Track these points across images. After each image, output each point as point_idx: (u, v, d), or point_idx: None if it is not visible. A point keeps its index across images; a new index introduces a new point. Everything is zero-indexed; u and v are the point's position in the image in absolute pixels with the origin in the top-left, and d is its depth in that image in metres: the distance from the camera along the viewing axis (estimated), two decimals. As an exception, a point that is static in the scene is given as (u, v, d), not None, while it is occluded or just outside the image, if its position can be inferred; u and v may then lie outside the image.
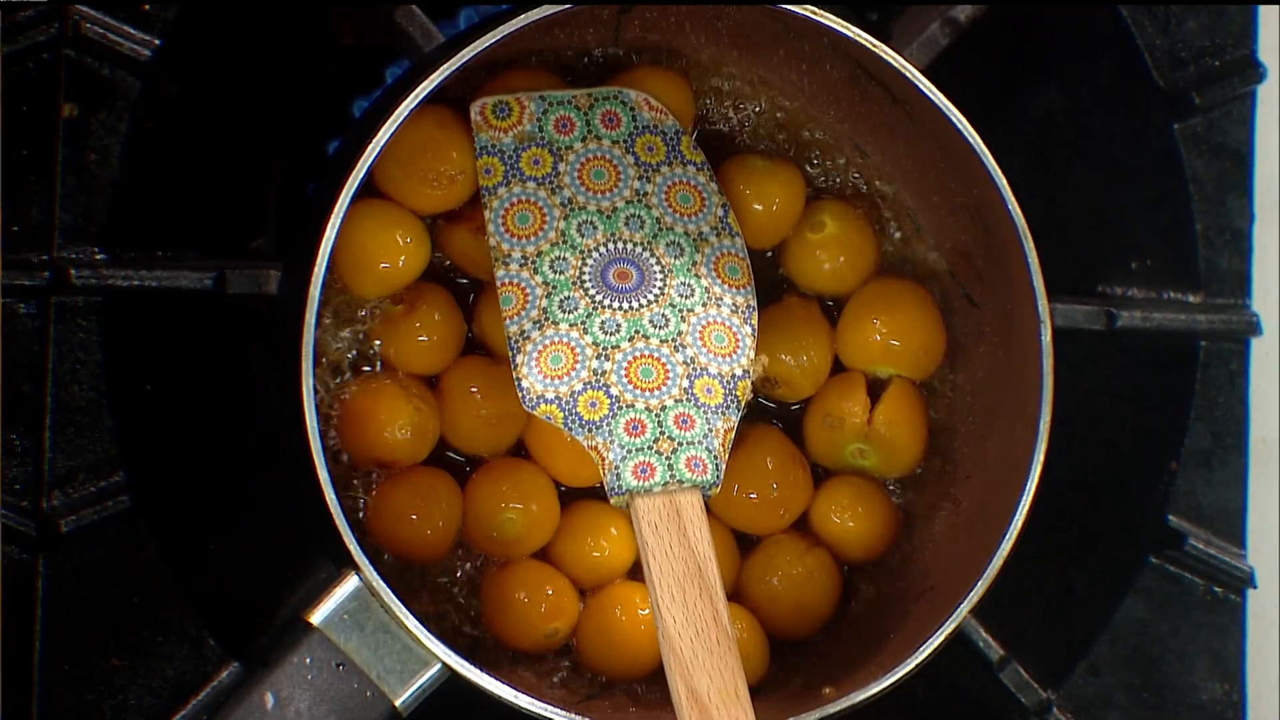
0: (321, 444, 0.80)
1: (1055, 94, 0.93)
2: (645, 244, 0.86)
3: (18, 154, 0.84)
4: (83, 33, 0.84)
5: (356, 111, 0.92)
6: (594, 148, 0.87)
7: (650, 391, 0.83)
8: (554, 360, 0.83)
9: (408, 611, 0.81)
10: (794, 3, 0.83)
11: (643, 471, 0.81)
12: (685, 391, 0.83)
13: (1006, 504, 0.83)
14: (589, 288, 0.85)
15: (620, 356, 0.83)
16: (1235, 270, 0.93)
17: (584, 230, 0.86)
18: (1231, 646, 0.92)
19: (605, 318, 0.84)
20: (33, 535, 0.84)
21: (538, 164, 0.86)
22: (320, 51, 0.91)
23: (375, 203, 0.86)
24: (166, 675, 0.85)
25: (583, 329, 0.84)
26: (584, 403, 0.82)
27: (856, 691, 0.82)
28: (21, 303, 0.84)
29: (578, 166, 0.86)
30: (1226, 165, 0.92)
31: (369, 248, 0.85)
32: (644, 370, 0.83)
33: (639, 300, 0.85)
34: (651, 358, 0.83)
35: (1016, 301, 0.86)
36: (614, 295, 0.85)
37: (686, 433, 0.82)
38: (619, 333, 0.84)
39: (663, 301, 0.85)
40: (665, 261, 0.86)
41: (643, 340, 0.84)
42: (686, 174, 0.87)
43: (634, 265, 0.85)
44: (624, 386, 0.83)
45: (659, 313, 0.85)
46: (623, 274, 0.85)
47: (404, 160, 0.86)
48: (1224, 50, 0.93)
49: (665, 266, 0.86)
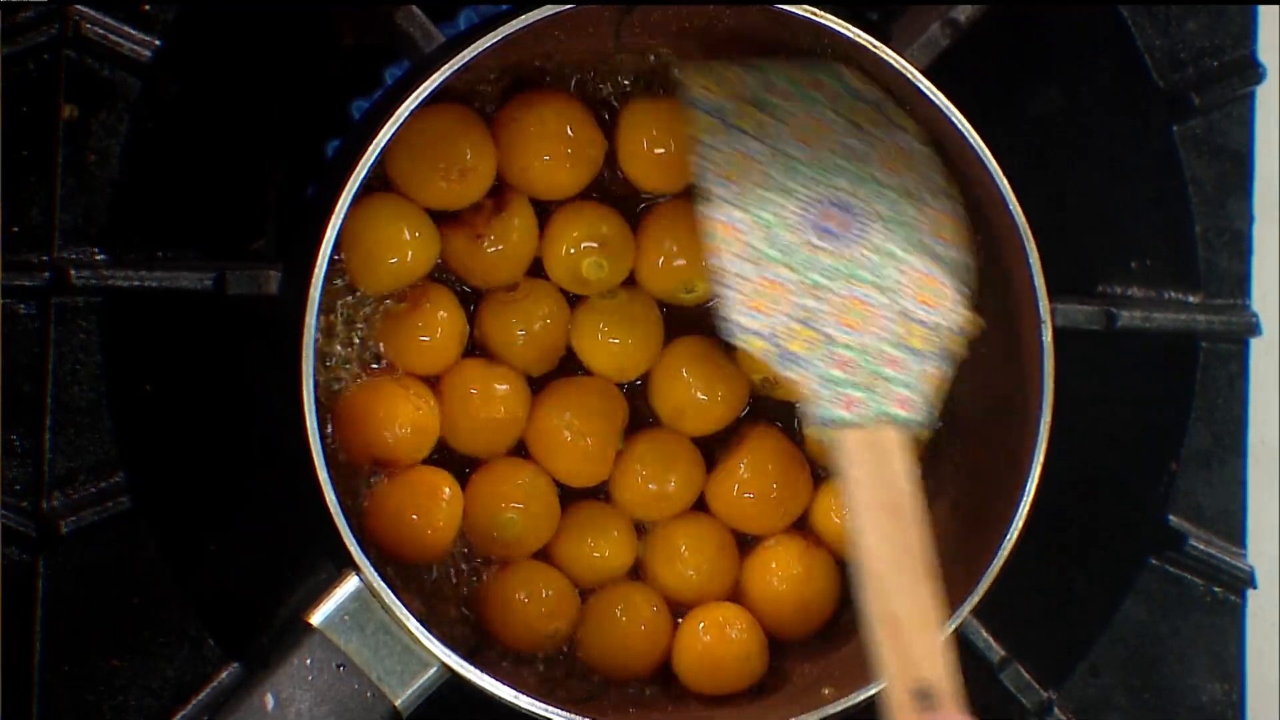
0: (321, 444, 0.80)
1: (1055, 94, 0.93)
2: (861, 196, 0.86)
3: (18, 154, 0.84)
4: (83, 33, 0.84)
5: (356, 112, 0.91)
6: (806, 107, 0.87)
7: (864, 333, 0.84)
8: (764, 296, 0.83)
9: (408, 612, 0.81)
10: (794, 3, 0.83)
11: (854, 406, 0.82)
12: (897, 336, 0.84)
13: (1007, 504, 0.83)
14: (803, 229, 0.85)
15: (833, 297, 0.84)
16: (1235, 271, 0.93)
17: (796, 177, 0.86)
18: (1231, 647, 0.92)
19: (821, 260, 0.84)
20: (33, 536, 0.84)
21: (751, 120, 0.86)
22: (320, 51, 0.91)
23: (385, 196, 0.86)
24: (166, 676, 0.85)
25: (798, 270, 0.84)
26: (792, 337, 0.83)
27: (857, 692, 0.82)
28: (22, 303, 0.84)
29: (790, 122, 0.86)
30: (1226, 166, 0.92)
31: (378, 241, 0.85)
32: (858, 313, 0.84)
33: (853, 245, 0.85)
34: (863, 302, 0.84)
35: (1017, 301, 0.86)
36: (829, 238, 0.85)
37: (898, 373, 0.83)
38: (832, 274, 0.84)
39: (878, 249, 0.85)
40: (881, 212, 0.86)
41: (856, 284, 0.84)
42: (898, 138, 0.87)
43: (849, 213, 0.85)
44: (836, 326, 0.83)
45: (872, 259, 0.85)
46: (838, 220, 0.85)
47: (417, 153, 0.86)
48: (1224, 51, 0.93)
49: (882, 217, 0.86)
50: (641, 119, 0.89)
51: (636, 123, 0.89)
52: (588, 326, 0.89)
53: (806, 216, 0.85)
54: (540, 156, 0.88)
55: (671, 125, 0.88)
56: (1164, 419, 0.93)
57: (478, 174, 0.87)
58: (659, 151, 0.89)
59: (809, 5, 0.83)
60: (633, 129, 0.89)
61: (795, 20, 0.84)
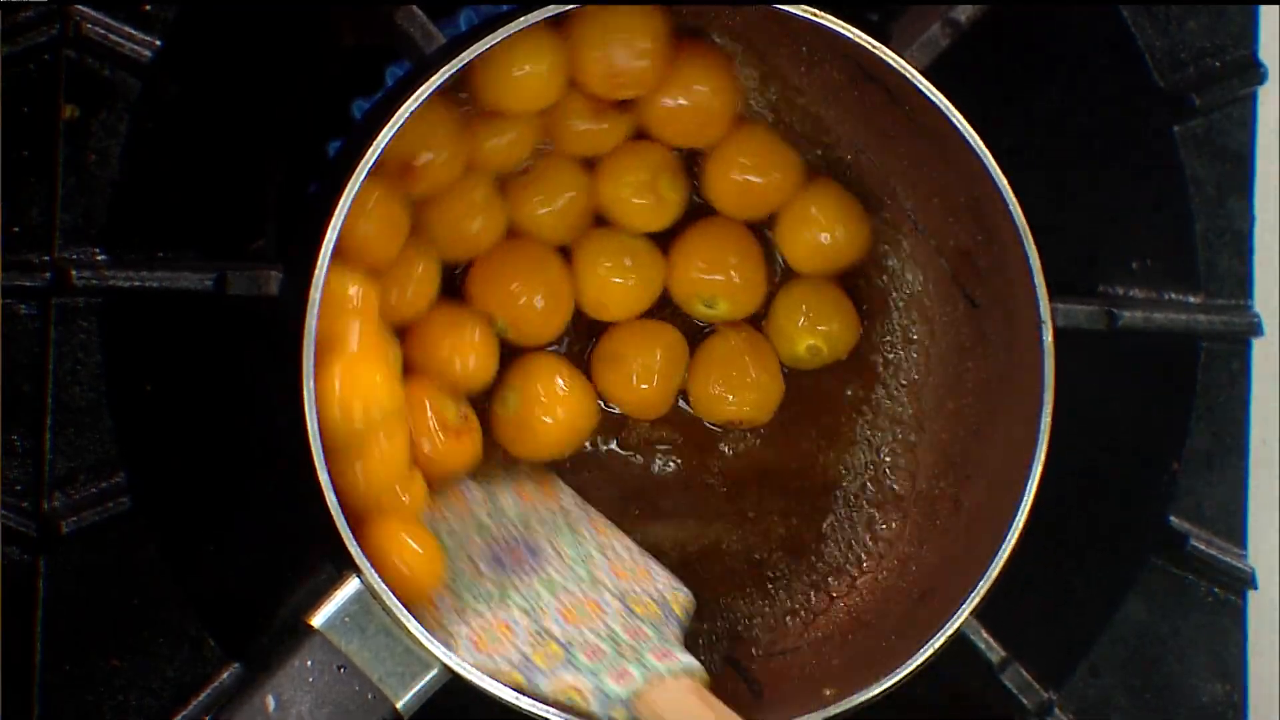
0: (321, 444, 0.80)
1: (1055, 94, 0.93)
2: (521, 526, 0.89)
3: (18, 155, 0.84)
4: (83, 33, 0.84)
5: (357, 112, 0.92)
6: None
7: (594, 624, 0.85)
8: (492, 639, 0.84)
9: (409, 614, 0.81)
10: (794, 3, 0.83)
11: (621, 677, 0.82)
12: (625, 610, 0.85)
13: (1007, 505, 0.83)
14: (490, 574, 0.87)
15: (551, 611, 0.85)
16: (1236, 271, 0.93)
17: (454, 536, 0.89)
18: (1232, 647, 0.92)
19: (520, 588, 0.86)
20: (33, 536, 0.84)
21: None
22: (320, 51, 0.91)
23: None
24: (167, 676, 0.85)
25: (504, 605, 0.86)
26: (539, 658, 0.83)
27: (858, 693, 0.83)
28: (22, 303, 0.84)
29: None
30: (1227, 166, 0.92)
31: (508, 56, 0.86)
32: (579, 610, 0.85)
33: (542, 565, 0.87)
34: (580, 599, 0.86)
35: (1017, 302, 0.86)
36: (517, 571, 0.87)
37: (643, 641, 0.84)
38: (540, 595, 0.86)
39: (562, 560, 0.88)
40: (549, 535, 0.89)
41: (564, 592, 0.86)
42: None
43: (522, 544, 0.88)
44: (564, 628, 0.84)
45: (564, 568, 0.87)
46: (515, 554, 0.88)
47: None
48: (1224, 51, 0.92)
49: (550, 538, 0.89)
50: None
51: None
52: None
53: (485, 562, 0.88)
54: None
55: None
56: (1165, 419, 0.93)
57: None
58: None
59: (809, 5, 0.83)
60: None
61: (795, 20, 0.84)
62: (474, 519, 0.89)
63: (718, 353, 0.93)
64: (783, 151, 0.92)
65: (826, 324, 0.93)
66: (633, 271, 0.92)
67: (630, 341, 0.93)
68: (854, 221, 0.92)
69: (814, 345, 0.93)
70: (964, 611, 0.83)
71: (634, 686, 0.81)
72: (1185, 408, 0.92)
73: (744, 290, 0.93)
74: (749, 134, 0.92)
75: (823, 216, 0.92)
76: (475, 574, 0.87)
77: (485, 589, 0.86)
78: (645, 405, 0.93)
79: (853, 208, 0.92)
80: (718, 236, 0.93)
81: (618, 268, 0.92)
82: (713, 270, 0.93)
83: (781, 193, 0.92)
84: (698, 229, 0.93)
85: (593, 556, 0.88)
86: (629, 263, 0.92)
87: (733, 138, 0.92)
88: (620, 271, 0.92)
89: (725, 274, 0.93)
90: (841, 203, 0.92)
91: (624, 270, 0.92)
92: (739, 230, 0.93)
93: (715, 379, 0.93)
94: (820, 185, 0.93)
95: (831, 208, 0.92)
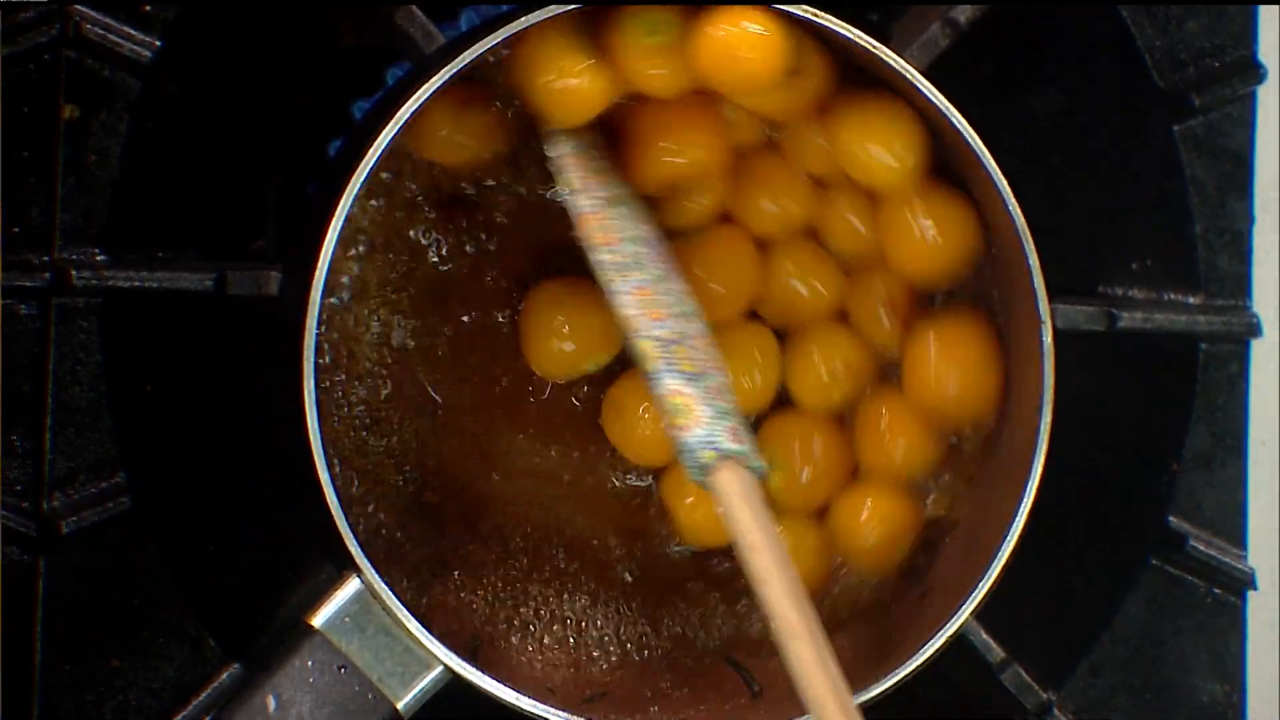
0: (322, 444, 0.80)
1: (1055, 94, 0.93)
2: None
3: (18, 155, 0.84)
4: (83, 34, 0.84)
5: (357, 113, 0.92)
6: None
7: (721, 370, 0.83)
8: (646, 305, 0.82)
9: (409, 614, 0.81)
10: (794, 3, 0.83)
11: (734, 434, 0.81)
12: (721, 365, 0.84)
13: (1007, 505, 0.83)
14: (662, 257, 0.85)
15: (695, 328, 0.83)
16: (1235, 272, 0.93)
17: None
18: (1232, 648, 0.92)
19: (669, 280, 0.84)
20: (33, 536, 0.84)
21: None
22: (320, 52, 0.91)
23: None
24: (167, 676, 0.85)
25: (664, 288, 0.83)
26: (679, 353, 0.82)
27: (857, 693, 0.82)
28: (22, 304, 0.84)
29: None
30: (1227, 167, 0.92)
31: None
32: (713, 349, 0.83)
33: (658, 285, 0.84)
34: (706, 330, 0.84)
35: (1017, 302, 0.86)
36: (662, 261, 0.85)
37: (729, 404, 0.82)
38: (681, 301, 0.84)
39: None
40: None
41: (698, 320, 0.84)
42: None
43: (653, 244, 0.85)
44: (703, 355, 0.83)
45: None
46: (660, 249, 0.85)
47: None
48: (1224, 51, 0.92)
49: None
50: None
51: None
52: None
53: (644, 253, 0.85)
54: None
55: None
56: (1164, 420, 0.93)
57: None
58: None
59: (809, 5, 0.83)
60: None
61: (795, 21, 0.84)
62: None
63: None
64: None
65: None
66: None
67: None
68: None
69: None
70: (964, 611, 0.83)
71: (739, 449, 0.80)
72: (1185, 408, 0.92)
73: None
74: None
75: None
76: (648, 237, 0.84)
77: (654, 259, 0.84)
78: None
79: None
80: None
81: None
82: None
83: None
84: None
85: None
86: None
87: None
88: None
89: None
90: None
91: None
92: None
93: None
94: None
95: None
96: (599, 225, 0.84)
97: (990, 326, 0.88)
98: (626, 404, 0.90)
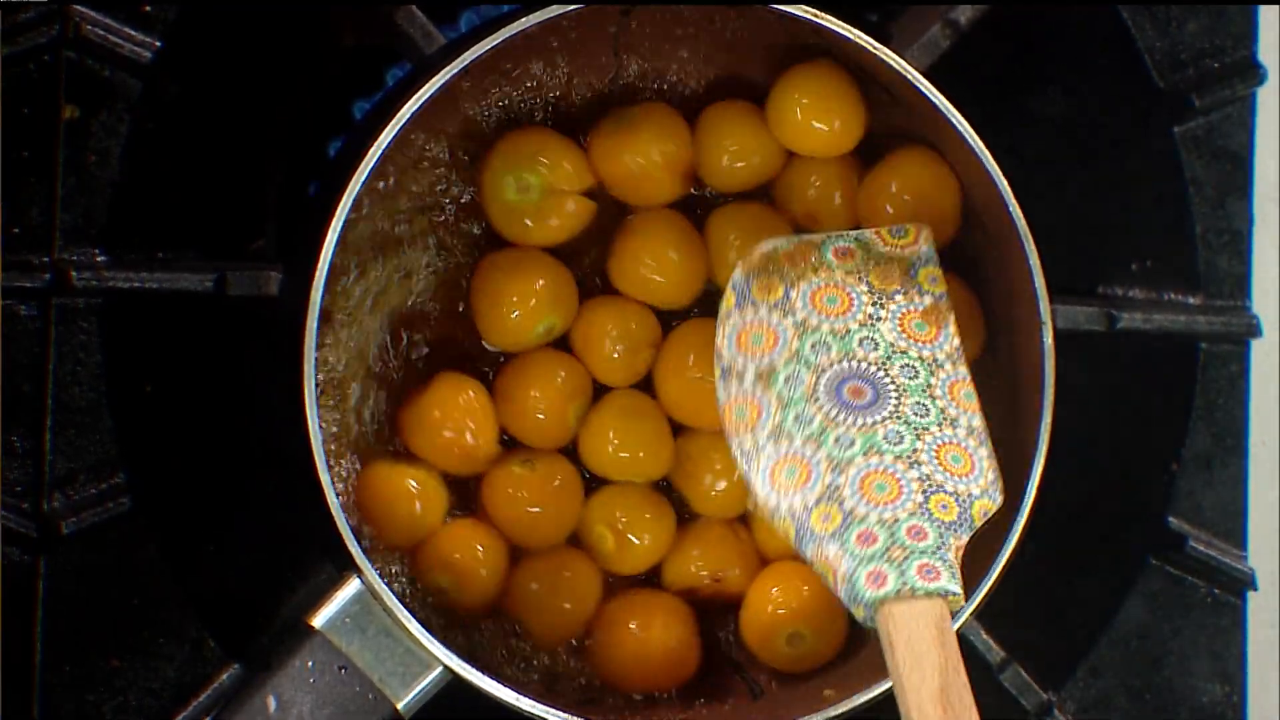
0: (322, 444, 0.80)
1: (1055, 95, 0.93)
2: (879, 364, 0.85)
3: (18, 155, 0.84)
4: (83, 34, 0.84)
5: (357, 113, 0.92)
6: (826, 277, 0.86)
7: (884, 505, 0.81)
8: (789, 473, 0.82)
9: (409, 614, 0.81)
10: (794, 4, 0.83)
11: (875, 579, 0.79)
12: (919, 505, 0.81)
13: (1007, 506, 0.83)
14: (823, 403, 0.84)
15: (854, 471, 0.82)
16: (1235, 272, 0.93)
17: (817, 349, 0.85)
18: (1232, 648, 0.92)
19: (840, 433, 0.83)
20: (33, 537, 0.84)
21: (769, 290, 0.86)
22: (320, 52, 0.91)
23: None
24: (167, 676, 0.85)
25: (817, 443, 0.83)
26: (817, 516, 0.81)
27: (857, 694, 0.83)
28: (22, 304, 0.84)
29: (810, 293, 0.86)
30: (1226, 167, 0.92)
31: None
32: (878, 485, 0.82)
33: (873, 416, 0.83)
34: (886, 473, 0.82)
35: (1017, 302, 0.86)
36: (848, 411, 0.83)
37: (920, 543, 0.80)
38: (853, 447, 0.83)
39: (897, 419, 0.83)
40: (899, 381, 0.84)
41: (876, 455, 0.82)
42: (922, 303, 0.86)
43: (869, 383, 0.84)
44: (857, 500, 0.81)
45: (893, 429, 0.83)
46: (857, 390, 0.84)
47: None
48: (1224, 52, 0.92)
49: (899, 386, 0.84)
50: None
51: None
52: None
53: (827, 390, 0.84)
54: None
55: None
56: (1164, 420, 0.93)
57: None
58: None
59: (809, 6, 0.83)
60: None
61: (795, 21, 0.84)
62: (848, 332, 0.86)
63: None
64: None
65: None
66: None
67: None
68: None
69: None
70: (964, 612, 0.83)
71: (882, 593, 0.78)
72: (1185, 408, 0.92)
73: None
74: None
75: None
76: (809, 394, 0.84)
77: (809, 414, 0.83)
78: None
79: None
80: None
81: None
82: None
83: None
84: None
85: (929, 429, 0.84)
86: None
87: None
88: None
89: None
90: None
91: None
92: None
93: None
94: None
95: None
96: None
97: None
98: (699, 462, 0.90)
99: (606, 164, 0.89)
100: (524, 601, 0.88)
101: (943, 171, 0.88)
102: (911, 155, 0.89)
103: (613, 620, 0.88)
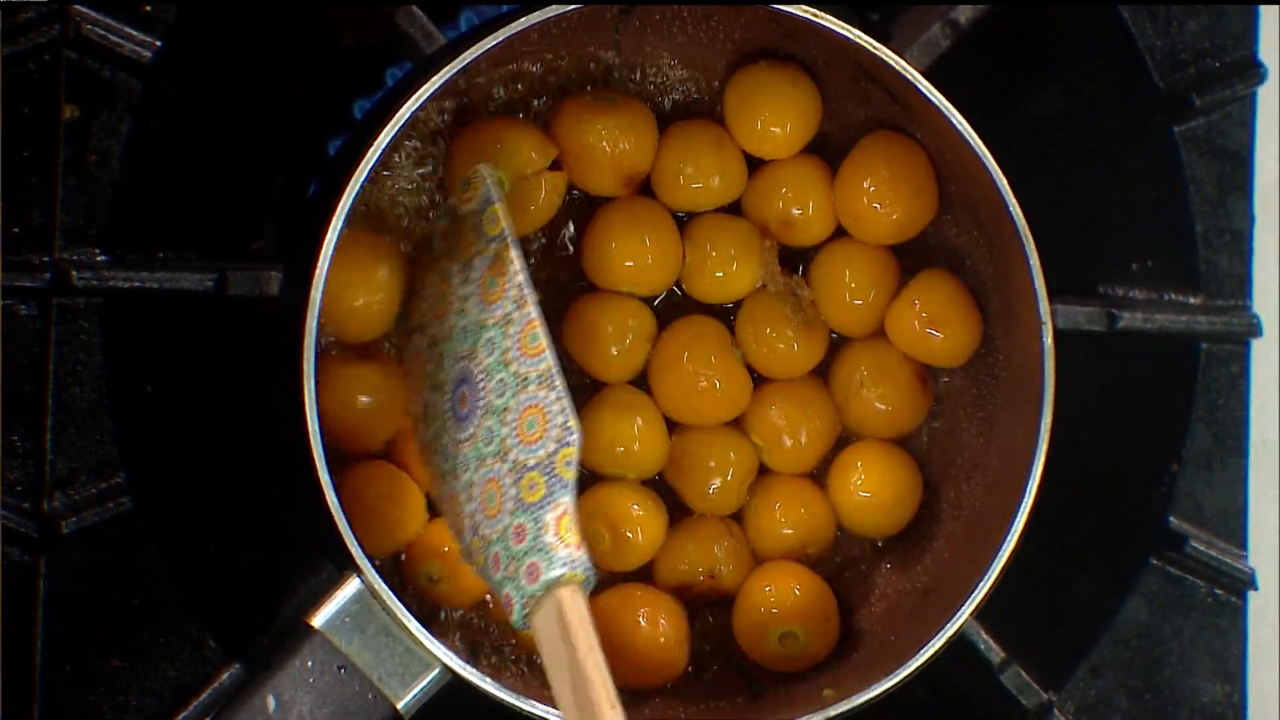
0: (322, 444, 0.80)
1: (1055, 95, 0.93)
2: (469, 354, 0.82)
3: (18, 155, 0.84)
4: (84, 34, 0.84)
5: (358, 112, 0.92)
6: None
7: (496, 517, 0.79)
8: (452, 516, 0.82)
9: (409, 614, 0.81)
10: (794, 3, 0.83)
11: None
12: (516, 500, 0.79)
13: (1007, 506, 0.84)
14: (451, 429, 0.82)
15: (476, 491, 0.80)
16: (1236, 272, 0.93)
17: (444, 364, 0.84)
18: (1233, 648, 0.92)
19: (462, 455, 0.81)
20: (34, 537, 0.84)
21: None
22: (320, 52, 0.91)
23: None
24: (167, 676, 0.85)
25: (455, 475, 0.81)
26: (477, 552, 0.80)
27: (857, 694, 0.83)
28: (22, 304, 0.84)
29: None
30: (1227, 167, 0.92)
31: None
32: (489, 496, 0.80)
33: (473, 425, 0.81)
34: (492, 480, 0.80)
35: (1017, 302, 0.86)
36: (460, 427, 0.82)
37: (520, 544, 0.78)
38: (469, 468, 0.81)
39: (488, 414, 0.81)
40: (484, 364, 0.81)
41: (482, 465, 0.80)
42: (489, 255, 0.82)
43: (467, 384, 0.82)
44: (483, 521, 0.80)
45: (486, 428, 0.80)
46: (463, 398, 0.82)
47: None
48: (1224, 51, 0.92)
49: (485, 370, 0.81)
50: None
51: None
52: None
53: (450, 408, 0.82)
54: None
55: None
56: (1165, 420, 0.93)
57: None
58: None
59: (808, 5, 0.83)
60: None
61: (795, 21, 0.84)
62: (456, 331, 0.83)
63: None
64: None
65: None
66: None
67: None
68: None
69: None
70: (964, 612, 0.83)
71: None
72: (1185, 408, 0.92)
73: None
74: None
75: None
76: (445, 425, 0.82)
77: (449, 449, 0.81)
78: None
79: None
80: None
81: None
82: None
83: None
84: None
85: (508, 407, 0.79)
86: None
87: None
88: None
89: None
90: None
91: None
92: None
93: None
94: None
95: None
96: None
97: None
98: (694, 459, 0.90)
99: (564, 132, 0.88)
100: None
101: (910, 148, 0.89)
102: (877, 141, 0.90)
103: (603, 615, 0.88)
